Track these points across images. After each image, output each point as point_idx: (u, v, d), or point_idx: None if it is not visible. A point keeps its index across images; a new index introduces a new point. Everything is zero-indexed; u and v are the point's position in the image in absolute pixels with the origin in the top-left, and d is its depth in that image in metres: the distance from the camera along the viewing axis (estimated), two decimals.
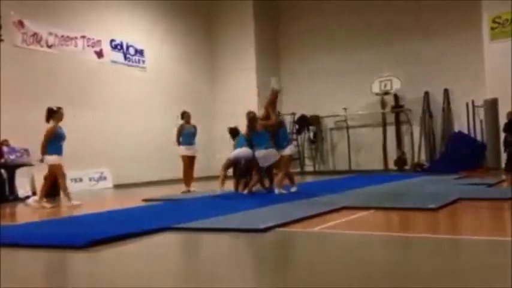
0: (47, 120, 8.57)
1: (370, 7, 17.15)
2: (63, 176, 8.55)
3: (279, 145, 8.70)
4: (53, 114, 8.54)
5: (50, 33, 13.00)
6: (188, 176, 10.63)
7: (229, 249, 4.35)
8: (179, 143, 10.55)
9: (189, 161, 10.58)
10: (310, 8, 18.35)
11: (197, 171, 16.88)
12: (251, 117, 8.78)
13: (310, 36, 18.36)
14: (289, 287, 2.92)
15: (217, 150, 15.02)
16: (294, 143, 16.26)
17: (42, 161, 8.52)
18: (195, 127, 10.83)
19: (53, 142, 8.43)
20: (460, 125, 15.69)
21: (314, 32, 18.25)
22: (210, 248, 4.28)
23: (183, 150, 10.54)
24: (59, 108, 8.62)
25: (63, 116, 8.67)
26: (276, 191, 8.43)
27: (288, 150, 8.87)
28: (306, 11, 18.49)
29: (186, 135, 10.56)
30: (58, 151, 8.48)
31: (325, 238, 4.47)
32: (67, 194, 8.60)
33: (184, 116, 10.80)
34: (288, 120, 17.93)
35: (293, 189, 8.67)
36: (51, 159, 8.42)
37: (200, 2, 18.36)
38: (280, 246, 4.33)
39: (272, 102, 8.98)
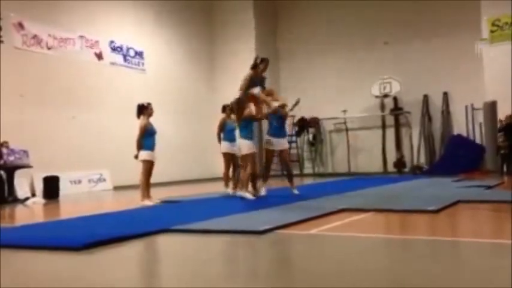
0: (138, 116, 8.52)
1: (369, 10, 17.18)
2: (149, 173, 8.46)
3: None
4: (144, 110, 8.49)
5: (50, 35, 13.00)
6: (228, 176, 9.69)
7: (227, 251, 4.35)
8: (220, 139, 9.63)
9: (231, 159, 9.58)
10: (309, 10, 18.40)
11: (197, 173, 17.03)
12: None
13: (309, 38, 18.39)
14: None
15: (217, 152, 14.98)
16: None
17: (136, 157, 8.42)
18: None
19: (146, 137, 8.38)
20: (459, 127, 15.72)
21: (313, 34, 18.28)
22: (208, 249, 4.28)
23: (227, 146, 9.49)
24: (149, 103, 8.59)
25: (153, 111, 8.62)
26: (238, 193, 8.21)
27: (286, 144, 8.69)
28: (305, 12, 18.52)
29: (229, 131, 9.52)
30: (151, 146, 8.43)
31: (324, 240, 4.46)
32: (147, 193, 8.46)
33: (227, 109, 9.63)
34: (287, 122, 17.98)
35: (295, 191, 8.50)
36: (145, 154, 8.36)
37: (200, 3, 18.39)
38: (279, 248, 4.33)
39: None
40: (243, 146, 8.18)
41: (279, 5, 19.26)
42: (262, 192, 8.49)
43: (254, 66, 8.24)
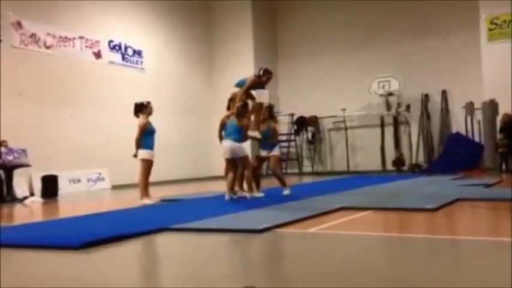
0: (136, 114, 8.44)
1: (368, 8, 17.17)
2: (148, 172, 8.40)
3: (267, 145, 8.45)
4: (143, 108, 8.41)
5: (48, 34, 12.98)
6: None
7: (227, 249, 4.35)
8: (221, 138, 8.76)
9: (233, 160, 8.65)
10: (308, 9, 18.38)
11: (196, 171, 17.03)
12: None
13: (308, 37, 18.38)
14: (286, 287, 2.92)
15: (216, 151, 15.00)
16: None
17: (135, 156, 8.36)
18: None
19: (146, 136, 8.31)
20: (458, 126, 15.72)
21: (312, 33, 18.27)
22: (207, 248, 4.27)
23: None
24: (148, 102, 8.51)
25: (153, 110, 8.52)
26: (248, 195, 8.02)
27: (276, 151, 8.57)
28: (304, 12, 18.51)
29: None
30: (150, 145, 8.37)
31: (323, 239, 4.46)
32: (146, 192, 8.40)
33: (231, 105, 8.71)
34: (286, 120, 18.02)
35: (286, 192, 8.29)
36: (144, 153, 8.30)
37: (199, 2, 18.36)
38: (278, 247, 4.33)
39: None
40: (244, 148, 8.16)
41: (277, 5, 19.24)
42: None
43: (258, 76, 8.33)
